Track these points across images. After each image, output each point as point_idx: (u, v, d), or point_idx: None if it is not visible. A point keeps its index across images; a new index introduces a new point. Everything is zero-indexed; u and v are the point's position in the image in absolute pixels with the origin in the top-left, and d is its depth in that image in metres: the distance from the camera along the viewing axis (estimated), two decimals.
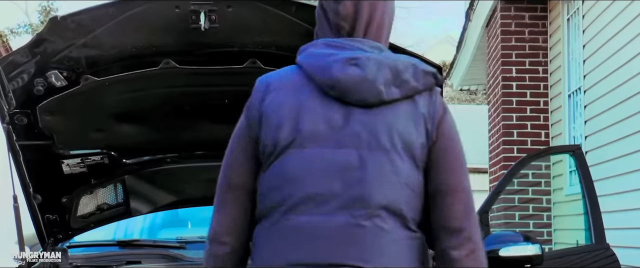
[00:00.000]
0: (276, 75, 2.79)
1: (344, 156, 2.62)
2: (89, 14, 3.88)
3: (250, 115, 2.76)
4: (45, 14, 30.40)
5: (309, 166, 2.62)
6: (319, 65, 2.69)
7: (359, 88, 2.64)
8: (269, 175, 2.68)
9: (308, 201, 2.61)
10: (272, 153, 2.67)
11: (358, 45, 2.72)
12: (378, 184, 2.61)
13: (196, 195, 5.16)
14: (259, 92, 2.75)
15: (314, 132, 2.64)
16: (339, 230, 2.58)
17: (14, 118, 4.25)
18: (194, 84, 4.28)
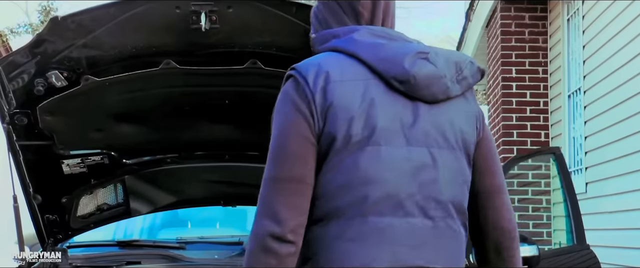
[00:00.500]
0: (330, 65, 2.58)
1: (418, 155, 2.55)
2: (90, 14, 3.88)
3: (309, 104, 2.54)
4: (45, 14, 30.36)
5: (387, 165, 2.52)
6: (385, 58, 2.57)
7: (430, 84, 2.56)
8: (339, 172, 2.52)
9: (387, 202, 2.51)
10: (342, 149, 2.52)
11: (399, 35, 2.67)
12: (449, 184, 2.58)
13: (196, 196, 5.17)
14: (318, 79, 2.55)
15: (387, 129, 2.53)
16: (418, 232, 2.53)
17: (14, 118, 4.25)
18: (194, 84, 4.28)
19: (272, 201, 2.53)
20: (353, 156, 2.52)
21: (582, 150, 9.09)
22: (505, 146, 10.34)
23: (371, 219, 2.50)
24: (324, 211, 2.54)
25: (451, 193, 2.58)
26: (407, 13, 50.93)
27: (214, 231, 5.89)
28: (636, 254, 7.42)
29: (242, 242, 4.86)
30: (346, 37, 2.63)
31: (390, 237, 2.50)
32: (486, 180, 2.70)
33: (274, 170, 2.56)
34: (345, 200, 2.51)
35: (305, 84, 2.55)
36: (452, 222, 2.59)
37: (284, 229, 2.49)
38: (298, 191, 2.53)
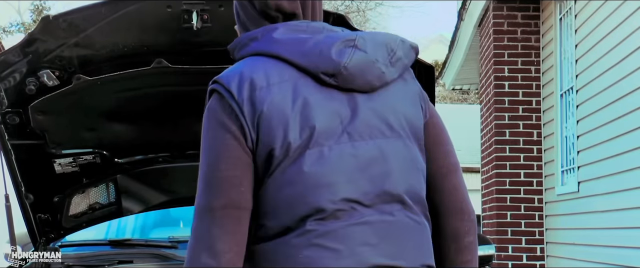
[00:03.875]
0: (252, 70, 2.38)
1: (364, 149, 2.36)
2: (81, 13, 3.88)
3: (236, 118, 2.35)
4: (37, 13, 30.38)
5: (333, 166, 2.33)
6: (308, 53, 2.38)
7: (363, 72, 2.37)
8: (285, 184, 2.32)
9: (341, 204, 2.32)
10: (283, 159, 2.32)
11: (322, 26, 2.47)
12: (403, 174, 2.39)
13: (188, 195, 5.16)
14: (243, 89, 2.35)
15: (327, 128, 2.34)
16: (378, 229, 2.34)
17: (5, 117, 4.25)
18: (186, 83, 4.28)
19: (207, 233, 2.33)
20: (296, 163, 2.32)
21: (574, 149, 9.11)
22: (498, 145, 10.34)
23: (328, 224, 2.31)
24: (275, 225, 2.33)
25: (406, 184, 2.39)
26: (399, 12, 51.05)
27: None
28: (629, 253, 7.44)
29: None
30: (265, 37, 2.44)
31: (350, 239, 2.31)
32: (438, 160, 2.52)
33: (206, 198, 2.36)
34: (298, 211, 2.32)
35: (229, 97, 2.36)
36: (412, 214, 2.40)
37: (221, 262, 2.30)
38: (234, 218, 2.32)
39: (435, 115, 2.56)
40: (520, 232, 10.15)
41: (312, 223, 2.30)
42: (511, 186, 10.20)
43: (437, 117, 2.57)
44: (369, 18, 31.86)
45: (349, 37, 2.40)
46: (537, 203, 10.19)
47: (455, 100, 32.40)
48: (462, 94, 31.32)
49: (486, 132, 11.15)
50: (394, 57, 2.43)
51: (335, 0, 29.95)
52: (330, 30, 2.46)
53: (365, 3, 31.47)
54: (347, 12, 28.40)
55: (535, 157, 10.21)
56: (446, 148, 2.55)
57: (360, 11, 31.20)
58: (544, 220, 10.15)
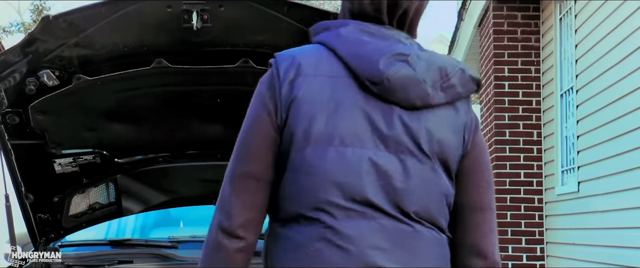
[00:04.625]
0: (306, 57, 2.47)
1: (386, 160, 2.39)
2: (81, 13, 3.88)
3: (274, 96, 2.45)
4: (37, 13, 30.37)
5: (352, 168, 2.38)
6: (361, 56, 2.42)
7: (405, 88, 2.39)
8: (302, 173, 2.41)
9: (354, 205, 2.38)
10: (303, 147, 2.40)
11: (395, 35, 2.47)
12: (419, 193, 2.41)
13: (188, 195, 5.16)
14: (289, 71, 2.44)
15: (355, 131, 2.39)
16: (390, 234, 2.38)
17: (5, 117, 4.25)
18: (185, 83, 4.28)
19: (226, 197, 2.48)
20: (316, 156, 2.40)
21: (574, 149, 9.10)
22: (498, 145, 10.34)
23: (341, 222, 2.37)
24: (288, 212, 2.44)
25: (420, 205, 2.41)
26: None
27: (206, 230, 5.87)
28: (629, 253, 7.43)
29: None
30: (334, 31, 2.49)
31: (361, 241, 2.36)
32: (467, 195, 2.52)
33: (232, 166, 2.50)
34: (310, 203, 2.40)
35: (276, 75, 2.45)
36: (427, 229, 2.43)
37: (233, 224, 2.44)
38: (251, 188, 2.45)
39: (479, 150, 2.55)
40: (520, 232, 10.15)
41: (325, 217, 2.37)
42: (511, 186, 10.20)
43: (481, 152, 2.56)
44: None
45: (405, 51, 2.41)
46: (537, 203, 10.19)
47: None
48: None
49: (486, 132, 11.15)
50: (447, 82, 2.44)
51: (335, 0, 29.94)
52: (398, 40, 2.46)
53: None
54: None
55: (535, 157, 10.21)
56: (479, 184, 2.54)
57: None
58: (544, 220, 10.15)
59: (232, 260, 2.49)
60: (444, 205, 2.47)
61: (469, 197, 2.52)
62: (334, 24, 2.51)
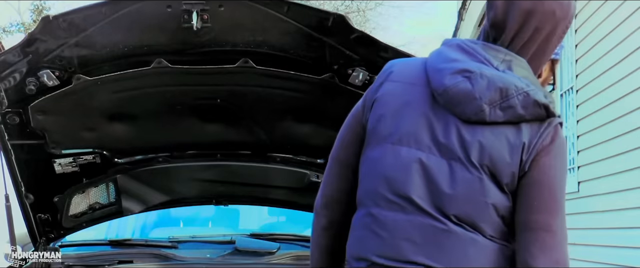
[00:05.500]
0: (402, 64, 2.79)
1: (436, 164, 2.62)
2: (81, 13, 3.88)
3: (367, 97, 2.81)
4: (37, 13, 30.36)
5: (403, 165, 2.64)
6: (437, 69, 2.67)
7: (461, 102, 2.60)
8: (364, 163, 2.75)
9: (397, 199, 2.64)
10: (370, 141, 2.73)
11: (488, 55, 2.66)
12: (463, 199, 2.60)
13: (188, 195, 5.16)
14: (381, 77, 2.80)
15: (413, 133, 2.65)
16: (425, 231, 2.60)
17: (6, 117, 4.25)
18: (185, 83, 4.28)
19: (324, 176, 2.90)
20: (376, 150, 2.70)
21: (574, 149, 9.11)
22: None
23: (383, 213, 2.65)
24: (358, 197, 2.77)
25: (463, 209, 2.59)
26: (399, 12, 50.98)
27: (206, 230, 5.89)
28: (629, 253, 7.44)
29: (234, 241, 4.86)
30: (441, 47, 2.76)
31: (395, 231, 2.62)
32: (520, 213, 2.63)
33: (332, 149, 2.90)
34: (363, 190, 2.73)
35: (376, 79, 2.81)
36: (466, 231, 2.60)
37: (318, 202, 2.88)
38: (335, 171, 2.86)
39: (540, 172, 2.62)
40: None
41: (372, 205, 2.69)
42: None
43: (544, 174, 2.62)
44: (368, 18, 31.86)
45: (471, 68, 2.62)
46: None
47: None
48: None
49: None
50: (505, 103, 2.59)
51: (335, 0, 29.94)
52: (485, 58, 2.65)
53: (365, 3, 31.46)
54: (347, 12, 28.39)
55: None
56: (531, 203, 2.62)
57: (360, 11, 31.19)
58: None
59: (321, 235, 2.89)
60: (491, 214, 2.62)
61: (521, 215, 2.63)
62: (445, 42, 2.79)
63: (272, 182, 4.98)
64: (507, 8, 2.66)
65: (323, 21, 3.91)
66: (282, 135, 4.64)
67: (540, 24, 2.65)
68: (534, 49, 2.69)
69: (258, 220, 5.92)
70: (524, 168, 2.61)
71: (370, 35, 4.05)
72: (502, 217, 2.62)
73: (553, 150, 2.63)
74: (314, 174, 4.81)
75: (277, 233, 5.12)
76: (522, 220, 2.62)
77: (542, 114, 2.62)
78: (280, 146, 4.75)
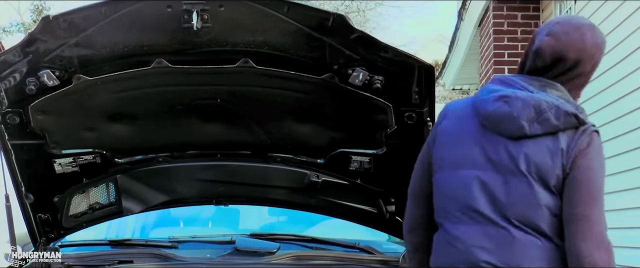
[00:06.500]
0: (454, 104, 3.36)
1: (491, 178, 3.15)
2: (82, 13, 3.88)
3: (431, 135, 3.38)
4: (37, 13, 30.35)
5: (466, 185, 3.18)
6: (482, 100, 3.22)
7: (505, 122, 3.13)
8: (436, 188, 3.30)
9: (463, 214, 3.18)
10: (437, 169, 3.29)
11: (525, 84, 3.19)
12: (518, 204, 3.11)
13: (188, 195, 5.16)
14: (440, 116, 3.37)
15: (469, 156, 3.20)
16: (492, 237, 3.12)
17: (6, 117, 4.26)
18: (186, 83, 4.28)
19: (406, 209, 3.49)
20: (440, 175, 3.27)
21: None
22: None
23: (457, 228, 3.19)
24: (436, 220, 3.32)
25: (521, 213, 3.10)
26: (399, 12, 50.94)
27: (206, 230, 5.89)
28: (629, 253, 7.43)
29: (234, 241, 4.86)
30: (487, 85, 3.29)
31: (468, 240, 3.15)
32: (565, 209, 3.10)
33: None
34: (439, 211, 3.28)
35: (437, 119, 3.38)
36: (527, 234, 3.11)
37: (405, 229, 3.51)
38: (412, 201, 3.46)
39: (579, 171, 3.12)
40: None
41: (446, 223, 3.25)
42: None
43: (582, 173, 3.12)
44: (368, 18, 31.84)
45: (508, 94, 3.16)
46: None
47: None
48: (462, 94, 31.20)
49: None
50: (541, 117, 3.12)
51: (335, 0, 29.94)
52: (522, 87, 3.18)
53: (365, 3, 31.45)
54: (347, 12, 28.38)
55: None
56: (572, 198, 3.10)
57: (360, 11, 31.17)
58: None
59: (414, 257, 3.49)
60: (544, 214, 3.12)
61: (565, 210, 3.11)
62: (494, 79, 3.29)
63: (272, 182, 4.97)
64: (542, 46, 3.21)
65: (323, 21, 3.91)
66: (282, 135, 4.64)
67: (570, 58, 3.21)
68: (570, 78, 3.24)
69: (258, 220, 5.91)
70: (565, 170, 3.10)
71: (370, 35, 4.05)
72: (555, 215, 3.10)
73: (590, 153, 3.13)
74: (314, 174, 4.80)
75: (277, 233, 5.12)
76: (566, 214, 3.09)
77: (574, 122, 3.15)
78: (280, 146, 4.74)
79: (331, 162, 4.71)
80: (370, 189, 4.77)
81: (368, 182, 4.74)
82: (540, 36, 3.23)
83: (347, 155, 4.64)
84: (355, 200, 4.89)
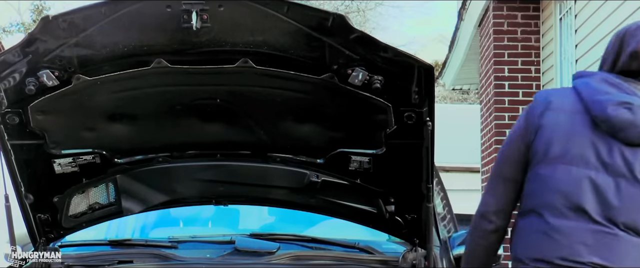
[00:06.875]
0: (557, 95, 3.36)
1: (604, 180, 3.19)
2: (81, 13, 3.88)
3: (529, 122, 3.35)
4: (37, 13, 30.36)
5: (575, 181, 3.21)
6: (596, 100, 3.22)
7: (626, 129, 3.16)
8: (535, 179, 3.30)
9: (571, 209, 3.20)
10: (540, 161, 3.28)
11: (632, 88, 3.23)
12: (628, 209, 3.17)
13: (188, 195, 5.16)
14: (541, 105, 3.33)
15: (582, 155, 3.22)
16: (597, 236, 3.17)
17: (5, 117, 4.26)
18: (185, 83, 4.28)
19: (487, 191, 3.47)
20: (548, 168, 3.26)
21: None
22: (498, 145, 10.33)
23: (556, 220, 3.22)
24: (523, 207, 3.36)
25: (630, 217, 3.16)
26: (399, 12, 50.96)
27: (206, 230, 5.89)
28: None
29: (234, 241, 4.86)
30: (585, 79, 3.33)
31: (571, 236, 3.18)
32: None
33: (493, 167, 3.47)
34: (537, 202, 3.28)
35: (535, 106, 3.35)
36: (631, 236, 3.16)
37: (488, 211, 3.43)
38: (502, 186, 3.42)
39: None
40: None
41: (547, 214, 3.24)
42: None
43: None
44: (368, 18, 31.87)
45: (631, 101, 3.19)
46: None
47: (455, 100, 32.34)
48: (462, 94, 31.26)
49: (486, 132, 11.15)
50: None
51: (335, 0, 29.95)
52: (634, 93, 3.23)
53: (365, 3, 31.48)
54: (347, 12, 28.39)
55: None
56: None
57: (360, 11, 31.20)
58: None
59: (487, 237, 3.45)
60: None
61: None
62: (587, 74, 3.37)
63: (271, 182, 4.97)
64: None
65: (323, 21, 3.91)
66: (282, 135, 4.64)
67: None
68: None
69: (258, 220, 5.92)
70: None
71: (370, 35, 4.05)
72: None
73: None
74: (313, 174, 4.80)
75: (277, 233, 5.12)
76: None
77: None
78: (280, 146, 4.74)
79: (331, 162, 4.71)
80: (369, 189, 4.76)
81: (368, 182, 4.73)
82: (639, 38, 3.28)
83: (347, 155, 4.64)
84: (355, 200, 4.88)
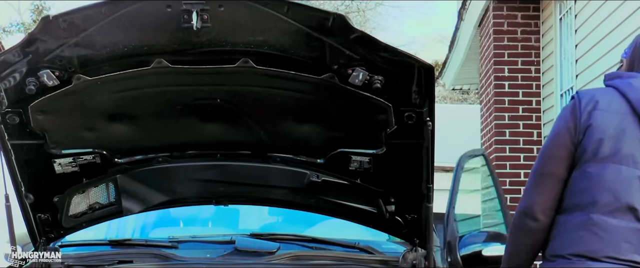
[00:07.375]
0: (602, 95, 3.37)
1: None
2: (81, 13, 3.88)
3: (576, 121, 3.35)
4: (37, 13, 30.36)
5: (624, 181, 3.23)
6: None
7: None
8: (585, 178, 3.30)
9: (618, 208, 3.22)
10: (589, 160, 3.29)
11: None
12: None
13: (188, 195, 5.16)
14: (588, 105, 3.35)
15: (630, 154, 3.25)
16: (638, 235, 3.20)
17: (5, 117, 4.26)
18: (185, 83, 4.28)
19: (531, 188, 3.44)
20: (596, 167, 3.27)
21: None
22: (498, 145, 10.34)
23: (603, 218, 3.23)
24: (567, 204, 3.34)
25: None
26: (399, 12, 50.95)
27: (206, 230, 5.89)
28: None
29: (234, 241, 4.86)
30: (625, 80, 3.38)
31: (616, 234, 3.20)
32: None
33: (537, 164, 3.44)
34: (585, 199, 3.28)
35: (578, 106, 3.36)
36: None
37: (534, 209, 3.39)
38: (548, 183, 3.38)
39: None
40: None
41: (594, 213, 3.24)
42: (511, 186, 10.18)
43: None
44: (368, 18, 31.86)
45: None
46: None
47: (455, 100, 32.34)
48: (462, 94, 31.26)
49: (486, 132, 11.16)
50: None
51: (335, 0, 29.95)
52: None
53: (365, 3, 31.47)
54: (347, 12, 28.38)
55: (535, 157, 10.19)
56: None
57: (360, 11, 31.20)
58: None
59: (532, 236, 3.42)
60: None
61: None
62: (625, 75, 3.43)
63: (272, 182, 4.97)
64: None
65: (323, 21, 3.91)
66: (282, 135, 4.63)
67: None
68: None
69: (258, 220, 5.92)
70: None
71: (370, 35, 4.05)
72: None
73: None
74: (313, 174, 4.80)
75: (277, 233, 5.12)
76: None
77: None
78: (280, 146, 4.74)
79: (331, 162, 4.71)
80: (370, 189, 4.76)
81: (368, 182, 4.73)
82: None
83: (347, 155, 4.64)
84: (355, 200, 4.88)
